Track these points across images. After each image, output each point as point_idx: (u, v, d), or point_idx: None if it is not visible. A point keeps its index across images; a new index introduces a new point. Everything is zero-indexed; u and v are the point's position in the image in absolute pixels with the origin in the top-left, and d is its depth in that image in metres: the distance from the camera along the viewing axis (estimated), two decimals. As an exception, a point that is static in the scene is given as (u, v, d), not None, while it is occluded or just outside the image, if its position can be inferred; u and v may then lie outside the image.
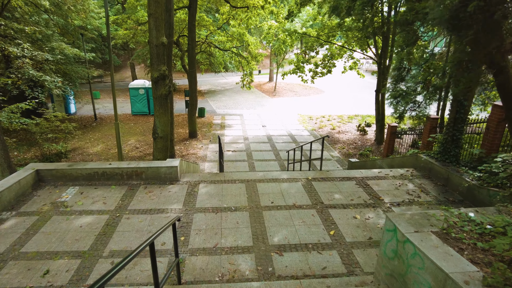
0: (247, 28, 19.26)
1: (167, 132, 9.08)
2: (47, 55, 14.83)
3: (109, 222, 5.35)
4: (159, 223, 5.33)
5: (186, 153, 14.20)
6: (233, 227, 5.21)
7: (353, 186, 6.81)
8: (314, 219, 5.49)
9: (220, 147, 8.12)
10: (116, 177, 6.81)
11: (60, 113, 13.50)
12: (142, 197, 6.16)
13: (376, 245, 4.82)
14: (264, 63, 45.51)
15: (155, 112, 8.78)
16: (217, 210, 5.73)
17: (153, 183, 6.74)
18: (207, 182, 6.86)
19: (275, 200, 6.10)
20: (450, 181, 6.69)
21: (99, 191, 6.40)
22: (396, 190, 6.63)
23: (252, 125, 19.53)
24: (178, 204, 5.90)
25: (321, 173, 7.39)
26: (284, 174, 7.30)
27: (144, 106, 21.63)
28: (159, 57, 8.32)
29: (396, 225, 3.46)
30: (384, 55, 15.46)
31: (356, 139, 16.78)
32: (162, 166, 6.72)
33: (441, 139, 7.45)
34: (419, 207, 5.94)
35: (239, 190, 6.50)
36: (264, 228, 5.18)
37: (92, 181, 6.80)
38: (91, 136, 16.94)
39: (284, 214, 5.61)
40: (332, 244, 4.84)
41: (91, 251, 4.62)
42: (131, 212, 5.65)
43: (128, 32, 17.24)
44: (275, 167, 12.66)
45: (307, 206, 5.88)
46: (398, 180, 7.13)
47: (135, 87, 21.13)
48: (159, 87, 8.54)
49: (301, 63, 17.49)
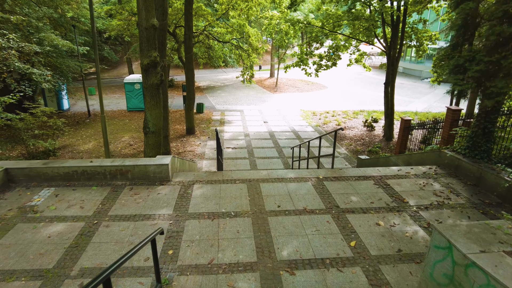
0: (248, 19, 18.29)
1: (160, 127, 8.19)
2: (35, 47, 13.93)
3: (84, 231, 4.46)
4: (144, 232, 4.44)
5: (183, 150, 13.30)
6: (232, 237, 4.32)
7: (372, 186, 5.91)
8: (329, 226, 4.59)
9: (218, 142, 7.20)
10: (98, 176, 5.91)
11: (47, 108, 12.58)
12: (127, 200, 5.27)
13: (408, 260, 3.93)
14: (265, 59, 44.56)
15: (146, 104, 7.89)
16: (214, 216, 4.83)
17: (141, 183, 5.85)
18: (203, 182, 5.96)
19: (282, 203, 5.21)
20: (483, 180, 5.78)
21: (78, 193, 5.51)
22: (421, 191, 5.73)
23: (253, 121, 18.62)
24: (167, 209, 5.00)
25: (333, 172, 6.49)
26: (291, 173, 6.40)
27: (140, 101, 20.69)
28: (150, 42, 7.40)
29: (451, 241, 2.56)
30: (393, 45, 14.51)
31: (363, 135, 15.86)
32: (150, 164, 5.83)
33: (470, 132, 6.54)
34: (451, 211, 5.04)
35: (239, 191, 5.60)
36: (270, 239, 4.28)
37: (71, 181, 5.91)
38: (83, 133, 16.04)
39: (294, 220, 4.72)
40: (354, 258, 3.95)
41: (57, 269, 3.73)
42: (112, 219, 4.76)
43: (121, 23, 16.29)
44: (278, 164, 11.75)
45: (320, 211, 4.98)
46: (421, 179, 6.22)
47: (130, 81, 20.19)
48: (149, 76, 7.63)
49: (305, 55, 16.55)
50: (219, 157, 7.19)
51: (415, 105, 23.88)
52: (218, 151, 7.11)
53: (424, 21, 15.94)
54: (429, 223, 4.73)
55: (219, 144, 7.22)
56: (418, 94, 28.33)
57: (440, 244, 2.67)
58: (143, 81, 7.69)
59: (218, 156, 7.19)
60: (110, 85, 31.15)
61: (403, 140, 10.92)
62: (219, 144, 7.23)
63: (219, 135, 14.47)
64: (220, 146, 7.89)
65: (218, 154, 7.16)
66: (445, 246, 2.61)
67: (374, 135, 15.88)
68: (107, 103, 23.31)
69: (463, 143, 6.91)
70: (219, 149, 7.52)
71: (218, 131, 7.05)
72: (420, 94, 28.61)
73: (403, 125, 10.77)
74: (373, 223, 4.72)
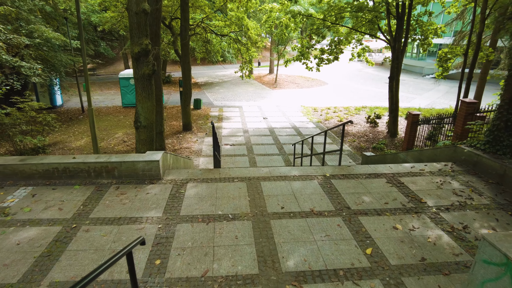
0: (247, 11, 17.66)
1: (152, 121, 7.59)
2: (24, 39, 13.28)
3: (60, 236, 3.89)
4: (129, 237, 3.87)
5: (179, 147, 12.71)
6: (230, 244, 3.75)
7: (384, 185, 5.35)
8: (341, 231, 4.03)
9: (215, 136, 6.61)
10: (81, 174, 5.33)
11: (36, 102, 11.94)
12: (111, 201, 4.69)
13: (434, 271, 3.38)
14: (264, 55, 43.94)
15: (137, 96, 7.29)
16: (209, 218, 4.26)
17: (128, 182, 5.27)
18: (198, 180, 5.39)
19: (286, 204, 4.64)
20: (507, 178, 5.23)
21: (57, 193, 4.92)
22: (439, 190, 5.18)
23: (252, 117, 18.03)
24: (157, 211, 4.43)
25: (341, 169, 5.92)
26: (294, 170, 5.84)
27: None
28: (140, 28, 6.80)
29: (509, 256, 2.00)
30: (398, 38, 13.92)
31: (366, 131, 15.31)
32: (139, 160, 5.25)
33: (490, 125, 5.99)
34: (476, 213, 4.49)
35: (238, 191, 5.03)
36: (273, 246, 3.71)
37: (51, 179, 5.33)
38: (76, 129, 15.43)
39: (300, 224, 4.15)
40: (371, 269, 3.39)
41: (23, 283, 3.15)
42: (93, 222, 4.18)
43: (115, 15, 15.63)
44: (279, 162, 11.19)
45: (329, 213, 4.42)
46: (437, 177, 5.67)
47: (125, 76, 19.54)
48: (140, 65, 7.03)
49: (306, 49, 15.95)
50: (215, 152, 6.60)
51: (418, 102, 23.35)
52: (215, 146, 6.52)
53: (429, 13, 15.35)
54: (452, 226, 4.17)
55: (215, 138, 6.63)
56: (420, 91, 27.80)
57: (491, 259, 2.12)
58: (134, 71, 7.10)
59: (214, 151, 6.60)
60: (106, 81, 30.49)
61: (410, 136, 10.37)
62: (215, 139, 6.64)
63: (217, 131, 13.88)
64: (217, 140, 7.31)
65: (214, 149, 6.56)
66: (499, 263, 2.06)
67: (377, 131, 15.32)
68: (102, 99, 22.69)
69: (482, 138, 6.36)
70: (216, 144, 6.92)
71: (214, 124, 6.47)
72: (422, 90, 28.09)
73: (410, 120, 10.21)
74: (390, 226, 4.17)
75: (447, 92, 27.25)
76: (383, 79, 33.39)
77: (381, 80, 33.19)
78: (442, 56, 15.59)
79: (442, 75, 15.94)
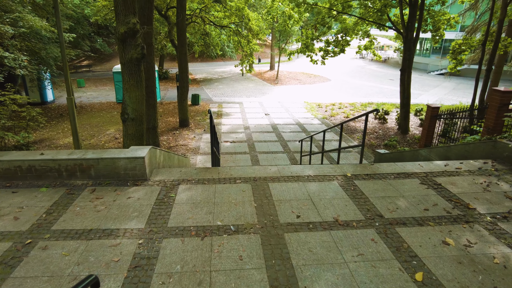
0: (247, 2, 16.70)
1: (142, 113, 6.61)
2: (8, 28, 12.31)
3: (5, 257, 2.93)
4: (98, 258, 2.92)
5: (175, 144, 11.76)
6: (233, 267, 2.80)
7: (418, 186, 4.40)
8: (377, 248, 3.08)
9: (213, 129, 5.65)
10: (50, 174, 4.37)
11: (18, 95, 10.98)
12: (83, 208, 3.74)
13: (515, 307, 2.43)
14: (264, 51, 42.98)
15: (124, 84, 6.30)
16: (205, 231, 3.31)
17: (107, 183, 4.31)
18: (192, 181, 4.43)
19: (302, 212, 3.69)
20: None
21: (18, 197, 3.97)
22: (487, 193, 4.23)
23: (253, 114, 17.07)
24: (138, 221, 3.48)
25: (364, 168, 4.98)
26: (308, 170, 4.89)
27: (131, 93, 19.07)
28: (127, 4, 5.82)
29: None
30: (410, 27, 12.97)
31: (375, 128, 14.37)
32: (120, 157, 4.29)
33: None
34: (542, 223, 3.54)
35: (241, 194, 4.08)
36: (291, 271, 2.76)
37: (14, 180, 4.37)
38: (66, 126, 14.46)
39: (323, 239, 3.20)
40: (429, 306, 2.44)
41: None
42: (55, 236, 3.23)
43: (107, 4, 14.65)
44: (284, 160, 10.24)
45: (359, 223, 3.47)
46: (479, 177, 4.72)
47: (119, 71, 18.52)
48: (127, 48, 6.03)
49: (311, 40, 15.00)
50: (214, 148, 5.62)
51: (425, 98, 22.45)
52: (213, 141, 5.55)
53: (442, 2, 14.38)
54: (519, 241, 3.23)
55: (214, 132, 5.67)
56: (427, 87, 26.90)
57: None
58: (120, 55, 6.10)
59: (212, 147, 5.62)
60: (102, 78, 29.54)
61: (429, 131, 9.43)
62: (214, 132, 5.68)
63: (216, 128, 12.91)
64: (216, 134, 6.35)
65: (212, 145, 5.59)
66: None
67: (387, 127, 14.39)
68: (96, 95, 21.75)
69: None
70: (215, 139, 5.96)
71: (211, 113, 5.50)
72: (429, 87, 27.19)
73: (430, 114, 9.27)
74: (438, 241, 3.22)
75: (454, 89, 26.37)
76: (387, 76, 32.48)
77: (385, 76, 32.27)
78: (455, 48, 14.65)
79: (456, 68, 15.00)
